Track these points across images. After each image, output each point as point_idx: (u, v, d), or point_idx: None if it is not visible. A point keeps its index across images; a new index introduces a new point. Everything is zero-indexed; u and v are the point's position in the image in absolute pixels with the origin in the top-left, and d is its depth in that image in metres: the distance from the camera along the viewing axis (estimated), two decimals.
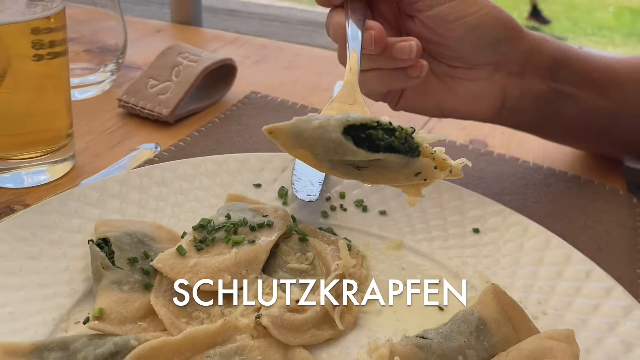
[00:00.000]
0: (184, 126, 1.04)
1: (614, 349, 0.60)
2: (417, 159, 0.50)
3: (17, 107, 0.79)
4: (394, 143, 0.49)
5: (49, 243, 0.67)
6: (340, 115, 0.50)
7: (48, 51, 0.79)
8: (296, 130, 0.51)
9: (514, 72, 0.82)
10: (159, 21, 1.55)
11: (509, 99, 0.84)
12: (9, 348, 0.54)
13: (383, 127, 0.49)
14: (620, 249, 0.83)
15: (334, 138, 0.49)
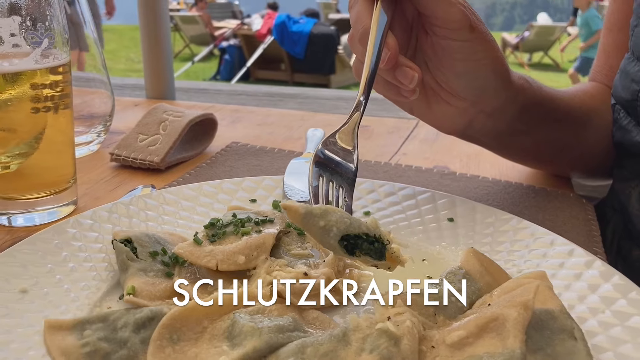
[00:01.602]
0: (174, 172, 1.13)
1: (581, 288, 0.70)
2: (381, 260, 0.68)
3: (29, 153, 0.87)
4: (370, 253, 0.67)
5: (73, 251, 0.73)
6: (341, 222, 0.66)
7: (58, 102, 0.88)
8: (304, 220, 0.66)
9: (485, 111, 0.90)
10: (135, 98, 1.67)
11: (472, 128, 0.93)
12: (53, 323, 0.60)
13: (369, 239, 0.67)
14: (577, 235, 0.94)
15: (332, 243, 0.66)
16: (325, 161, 0.80)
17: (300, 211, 0.65)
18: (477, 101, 0.87)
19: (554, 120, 1.00)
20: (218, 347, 0.57)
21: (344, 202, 0.78)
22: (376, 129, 1.40)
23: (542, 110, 0.98)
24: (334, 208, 0.67)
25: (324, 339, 0.57)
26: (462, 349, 0.57)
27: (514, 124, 0.94)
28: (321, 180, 0.79)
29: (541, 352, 0.57)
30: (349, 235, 0.66)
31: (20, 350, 0.57)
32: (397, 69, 0.79)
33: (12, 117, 0.84)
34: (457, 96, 0.86)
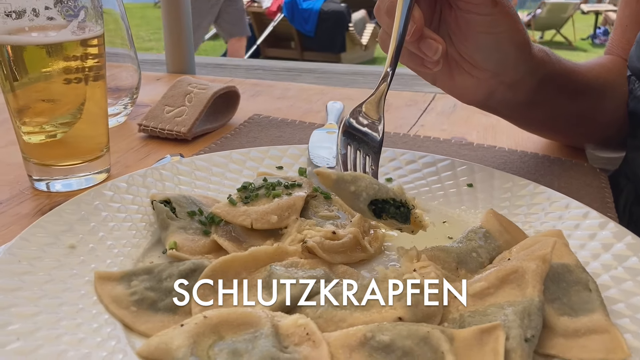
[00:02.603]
0: (200, 142, 1.17)
1: (595, 247, 0.74)
2: (406, 224, 0.71)
3: (72, 123, 0.91)
4: (397, 216, 0.70)
5: (112, 211, 0.78)
6: (370, 187, 0.70)
7: (95, 73, 0.92)
8: (336, 185, 0.70)
9: (505, 83, 0.92)
10: (156, 72, 1.71)
11: (493, 99, 0.96)
12: (103, 275, 0.65)
13: (395, 203, 0.70)
14: (591, 201, 0.97)
15: (361, 206, 0.70)
16: (353, 131, 0.83)
17: (332, 177, 0.69)
18: (498, 73, 0.90)
19: (572, 93, 1.03)
20: (257, 295, 0.62)
21: (370, 170, 0.82)
22: (394, 102, 1.43)
23: (560, 82, 1.00)
24: (363, 175, 0.71)
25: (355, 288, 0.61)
26: (484, 299, 0.61)
27: (533, 95, 0.97)
28: (349, 148, 0.83)
29: (558, 302, 0.61)
30: (377, 200, 0.70)
31: (74, 297, 0.62)
32: (421, 41, 0.82)
33: (54, 88, 0.88)
34: (478, 68, 0.89)
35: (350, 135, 0.83)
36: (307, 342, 0.53)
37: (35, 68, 0.88)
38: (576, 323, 0.58)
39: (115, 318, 0.61)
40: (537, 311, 0.58)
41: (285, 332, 0.54)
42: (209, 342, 0.54)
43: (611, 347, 0.55)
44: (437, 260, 0.67)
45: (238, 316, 0.55)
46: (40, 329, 0.56)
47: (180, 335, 0.54)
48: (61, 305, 0.60)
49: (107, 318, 0.60)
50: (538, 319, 0.57)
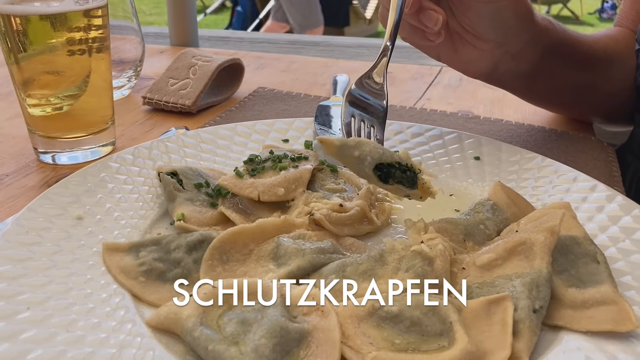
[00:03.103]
0: (205, 115, 1.17)
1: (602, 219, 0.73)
2: (414, 189, 0.70)
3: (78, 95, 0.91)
4: (403, 181, 0.69)
5: (118, 183, 0.78)
6: (375, 151, 0.68)
7: (99, 45, 0.91)
8: (340, 151, 0.69)
9: (510, 52, 0.91)
10: (160, 45, 1.69)
11: (498, 71, 0.95)
12: (111, 246, 0.65)
13: (401, 167, 0.69)
14: (598, 175, 0.96)
15: (366, 171, 0.69)
16: (358, 100, 0.83)
17: (336, 143, 0.69)
18: (501, 43, 0.89)
19: (577, 63, 1.02)
20: (265, 266, 0.62)
21: (375, 139, 0.82)
22: (399, 75, 1.42)
23: (565, 52, 0.99)
24: (367, 140, 0.70)
25: (363, 259, 0.61)
26: (492, 270, 0.61)
27: (538, 65, 0.96)
28: (353, 118, 0.82)
29: (566, 274, 0.61)
30: (382, 165, 0.69)
31: (83, 268, 0.62)
32: (421, 13, 0.82)
33: (58, 60, 0.87)
34: (481, 38, 0.88)
35: (355, 105, 0.82)
36: (316, 312, 0.53)
37: (39, 39, 0.87)
38: (584, 294, 0.58)
39: (123, 288, 0.61)
40: (545, 283, 0.58)
41: (294, 302, 0.54)
42: (219, 312, 0.54)
43: (619, 319, 0.55)
44: (445, 232, 0.67)
45: (247, 287, 0.55)
46: (50, 299, 0.57)
47: (190, 305, 0.54)
48: (70, 276, 0.61)
49: (116, 288, 0.61)
50: (546, 290, 0.57)
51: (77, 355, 0.51)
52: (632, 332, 0.56)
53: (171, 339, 0.55)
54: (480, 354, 0.51)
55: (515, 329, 0.54)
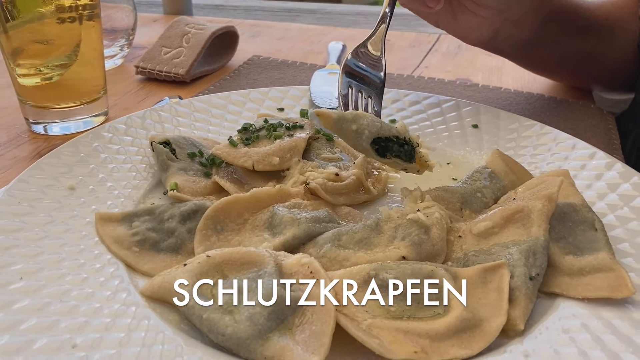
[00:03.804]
0: (198, 84, 1.15)
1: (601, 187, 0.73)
2: (411, 162, 0.68)
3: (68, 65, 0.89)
4: (401, 155, 0.67)
5: (111, 153, 0.77)
6: (372, 125, 0.66)
7: (88, 12, 0.89)
8: (337, 125, 0.67)
9: (510, 20, 0.90)
10: (153, 14, 1.66)
11: (498, 38, 0.93)
12: (104, 216, 0.64)
13: (399, 141, 0.67)
14: (598, 143, 0.95)
15: (364, 145, 0.67)
16: (354, 71, 0.81)
17: (333, 116, 0.67)
18: (502, 10, 0.87)
19: (579, 30, 1.00)
20: (260, 235, 0.61)
21: (372, 111, 0.80)
22: (397, 43, 1.40)
23: (567, 19, 0.97)
24: (364, 113, 0.69)
25: (358, 228, 0.61)
26: (488, 238, 0.61)
27: (539, 33, 0.94)
28: (350, 90, 0.81)
29: (563, 241, 0.61)
30: (380, 138, 0.68)
31: (75, 238, 0.62)
32: None
33: (48, 29, 0.85)
34: (482, 6, 0.86)
35: (352, 76, 0.81)
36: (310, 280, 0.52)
37: (27, 7, 0.85)
38: (581, 262, 0.58)
39: (117, 258, 0.60)
40: (542, 250, 0.57)
41: (289, 271, 0.54)
42: (213, 281, 0.54)
43: (616, 285, 0.55)
44: (441, 200, 0.67)
45: (241, 255, 0.55)
46: (42, 269, 0.56)
47: (183, 274, 0.54)
48: (63, 246, 0.60)
49: (110, 258, 0.60)
50: (543, 257, 0.57)
51: (71, 325, 0.51)
52: (628, 299, 0.55)
53: (165, 308, 0.55)
54: (476, 320, 0.51)
55: (511, 296, 0.53)
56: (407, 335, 0.49)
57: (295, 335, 0.49)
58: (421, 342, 0.49)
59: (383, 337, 0.49)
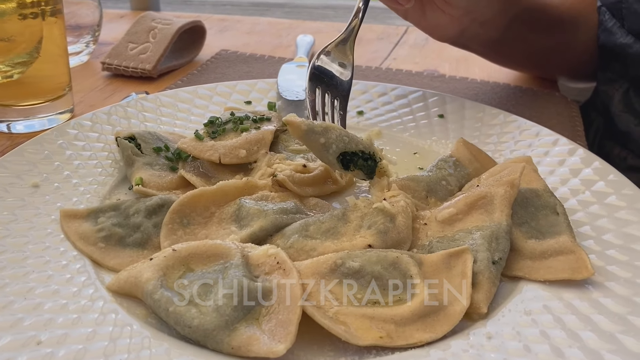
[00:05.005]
0: (166, 79, 1.14)
1: (564, 172, 0.74)
2: (371, 178, 0.68)
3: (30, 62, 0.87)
4: (363, 169, 0.67)
5: (77, 149, 0.76)
6: (340, 140, 0.66)
7: (49, 8, 0.87)
8: (306, 136, 0.67)
9: (477, 20, 0.91)
10: (120, 10, 1.64)
11: (465, 36, 0.94)
12: (69, 212, 0.63)
13: (363, 155, 0.67)
14: (562, 130, 0.97)
15: (330, 159, 0.67)
16: (321, 74, 0.81)
17: (302, 127, 0.67)
18: (471, 10, 0.88)
19: (545, 27, 1.02)
20: (227, 228, 0.61)
21: (338, 115, 0.81)
22: (365, 36, 1.40)
23: (533, 17, 0.99)
24: (333, 125, 0.68)
25: (325, 218, 0.61)
26: (453, 225, 0.62)
27: (506, 32, 0.96)
28: (317, 92, 0.81)
29: (526, 226, 0.62)
30: (346, 152, 0.68)
31: (40, 236, 0.61)
32: None
33: (8, 26, 0.84)
34: (451, 5, 0.87)
35: (318, 78, 0.81)
36: (277, 270, 0.53)
37: None
38: (543, 245, 0.59)
39: (83, 255, 0.60)
40: (504, 235, 0.58)
41: (256, 262, 0.54)
42: (179, 274, 0.54)
43: (576, 267, 0.56)
44: (407, 189, 0.68)
45: (208, 248, 0.55)
46: (5, 268, 0.56)
47: (149, 268, 0.54)
48: (27, 244, 0.59)
49: (75, 255, 0.60)
50: (505, 242, 0.58)
51: (35, 322, 0.50)
52: (588, 280, 0.57)
53: (132, 302, 0.55)
54: (440, 305, 0.52)
55: (474, 280, 0.54)
56: (372, 321, 0.50)
57: (262, 324, 0.49)
58: (386, 327, 0.50)
59: (349, 324, 0.50)
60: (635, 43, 0.94)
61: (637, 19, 0.92)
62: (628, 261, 0.59)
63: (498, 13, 0.91)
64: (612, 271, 0.58)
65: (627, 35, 0.96)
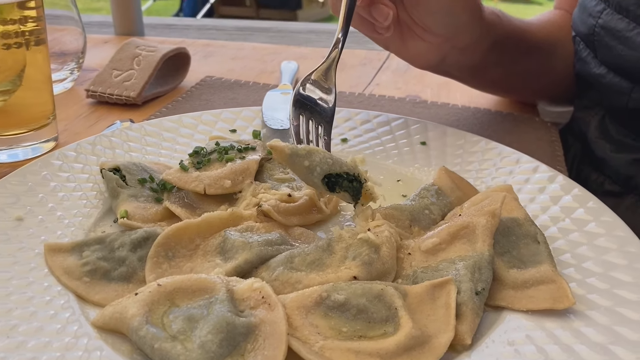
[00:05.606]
0: (151, 106, 1.14)
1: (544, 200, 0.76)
2: (357, 199, 0.69)
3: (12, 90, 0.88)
4: (349, 190, 0.68)
5: (61, 181, 0.76)
6: (324, 162, 0.68)
7: (33, 37, 0.88)
8: (290, 159, 0.68)
9: (457, 47, 0.92)
10: (104, 35, 1.65)
11: (445, 63, 0.96)
12: (53, 246, 0.63)
13: (348, 177, 0.68)
14: (542, 155, 0.99)
15: (315, 181, 0.68)
16: (305, 101, 0.82)
17: (286, 151, 0.68)
18: (450, 37, 0.90)
19: (523, 52, 1.04)
20: (212, 261, 0.61)
21: (323, 140, 0.82)
22: (349, 61, 1.42)
23: (512, 43, 1.01)
24: (317, 148, 0.69)
25: (310, 250, 0.61)
26: (436, 255, 0.63)
27: (486, 58, 0.98)
28: (301, 119, 0.82)
29: (507, 255, 0.63)
30: (330, 174, 0.69)
31: (24, 271, 0.61)
32: (372, 6, 0.82)
33: None
34: (431, 32, 0.88)
35: (302, 105, 0.82)
36: (262, 305, 0.53)
37: None
38: (524, 275, 0.60)
39: (68, 290, 0.59)
40: (487, 265, 0.59)
41: (241, 297, 0.54)
42: (164, 310, 0.54)
43: (557, 296, 0.57)
44: (391, 218, 0.68)
45: (192, 283, 0.55)
46: None
47: (134, 304, 0.54)
48: (10, 280, 0.59)
49: (60, 290, 0.59)
50: (488, 272, 0.59)
51: None
52: (570, 309, 0.58)
53: (118, 338, 0.54)
54: (425, 337, 0.53)
55: (458, 311, 0.55)
56: (358, 356, 0.50)
57: None
58: None
59: (335, 359, 0.50)
60: (608, 74, 0.97)
61: (609, 52, 0.95)
62: (608, 289, 0.61)
63: (477, 39, 0.93)
64: (593, 299, 0.59)
65: (600, 66, 0.99)
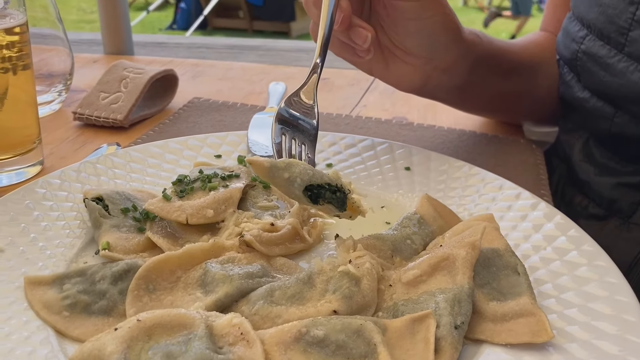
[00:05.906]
0: (138, 129, 1.15)
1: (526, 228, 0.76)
2: (343, 209, 0.70)
3: None
4: (333, 201, 0.69)
5: (44, 210, 0.75)
6: (304, 173, 0.68)
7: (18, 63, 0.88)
8: (269, 173, 0.69)
9: (439, 68, 0.93)
10: (93, 54, 1.65)
11: (429, 85, 0.97)
12: (33, 279, 0.63)
13: (331, 188, 0.69)
14: (526, 178, 1.00)
15: (297, 193, 0.69)
16: (288, 119, 0.83)
17: (265, 165, 0.69)
18: (431, 58, 0.91)
19: (506, 72, 1.05)
20: (192, 294, 0.61)
21: (306, 157, 0.82)
22: (336, 82, 1.43)
23: (493, 63, 1.02)
24: (296, 161, 0.71)
25: (291, 283, 0.62)
26: (417, 287, 0.63)
27: (468, 77, 0.99)
28: (284, 137, 0.82)
29: (487, 287, 0.63)
30: (312, 186, 0.69)
31: (2, 305, 0.60)
32: (351, 30, 0.83)
33: None
34: (412, 54, 0.90)
35: (285, 123, 0.82)
36: (241, 341, 0.53)
37: None
38: (504, 307, 0.60)
39: (47, 324, 0.59)
40: (466, 298, 0.59)
41: (220, 333, 0.54)
42: (142, 346, 0.53)
43: (536, 330, 0.58)
44: (373, 249, 0.69)
45: (172, 318, 0.55)
46: None
47: (113, 340, 0.53)
48: None
49: (39, 325, 0.59)
50: (468, 305, 0.59)
51: None
52: (549, 342, 0.58)
53: None
54: None
55: (437, 346, 0.55)
56: None
57: None
58: None
59: None
60: (592, 98, 0.98)
61: (591, 77, 0.96)
62: (587, 321, 0.61)
63: (458, 59, 0.94)
64: (572, 332, 0.60)
65: (584, 90, 1.00)
